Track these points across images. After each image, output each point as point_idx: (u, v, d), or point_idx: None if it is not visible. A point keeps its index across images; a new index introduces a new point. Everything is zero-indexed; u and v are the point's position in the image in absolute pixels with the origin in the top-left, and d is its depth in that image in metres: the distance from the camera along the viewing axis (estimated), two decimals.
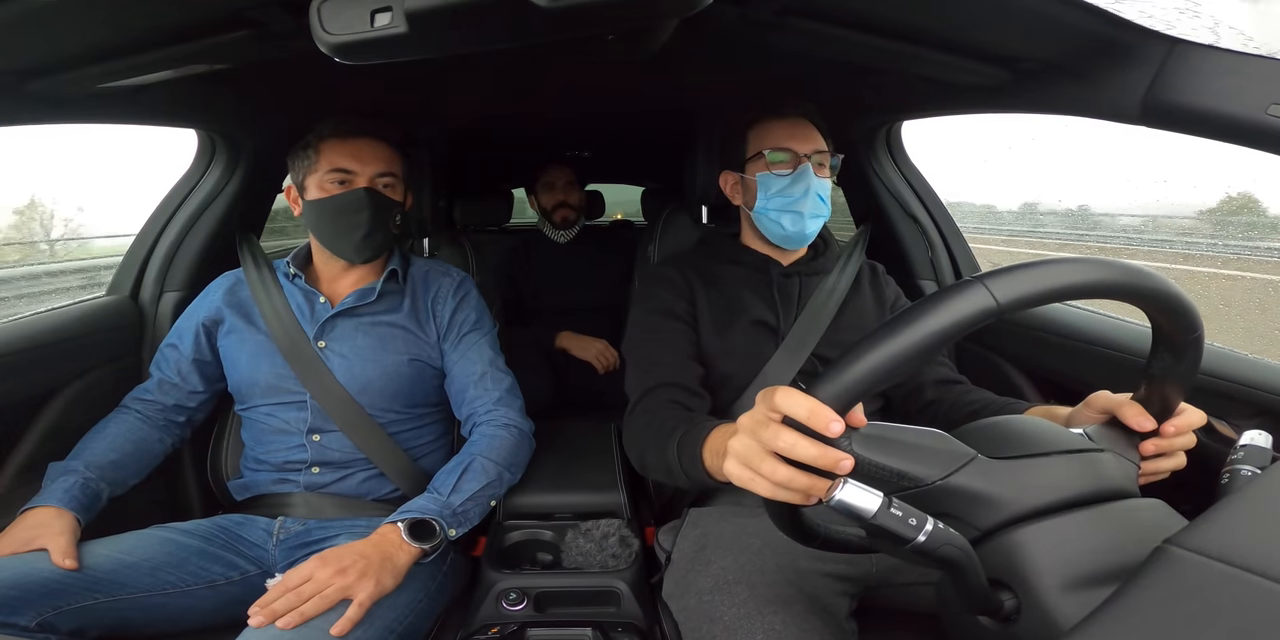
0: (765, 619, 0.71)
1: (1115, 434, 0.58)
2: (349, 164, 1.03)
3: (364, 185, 1.04)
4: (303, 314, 1.09)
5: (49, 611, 0.78)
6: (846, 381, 0.46)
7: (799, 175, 0.99)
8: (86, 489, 0.93)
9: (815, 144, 1.01)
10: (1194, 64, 0.65)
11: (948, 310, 0.44)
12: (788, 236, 1.02)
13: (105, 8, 0.65)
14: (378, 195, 1.05)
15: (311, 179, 1.05)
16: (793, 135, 1.01)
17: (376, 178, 1.05)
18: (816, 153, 1.01)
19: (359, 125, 1.06)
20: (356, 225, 1.04)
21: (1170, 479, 0.60)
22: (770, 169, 1.01)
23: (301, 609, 0.77)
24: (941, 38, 0.78)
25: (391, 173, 1.07)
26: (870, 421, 0.51)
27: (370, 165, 1.04)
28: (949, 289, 0.45)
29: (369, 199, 1.03)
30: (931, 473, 0.49)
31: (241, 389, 1.09)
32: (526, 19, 0.48)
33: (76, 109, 0.93)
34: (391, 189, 1.08)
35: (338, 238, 1.06)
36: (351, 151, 1.04)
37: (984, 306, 0.44)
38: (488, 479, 1.01)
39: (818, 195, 1.00)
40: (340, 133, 1.05)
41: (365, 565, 0.82)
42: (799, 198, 0.99)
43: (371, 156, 1.05)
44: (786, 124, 1.02)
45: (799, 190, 0.99)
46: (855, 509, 0.44)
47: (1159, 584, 0.38)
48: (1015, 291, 0.44)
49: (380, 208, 1.05)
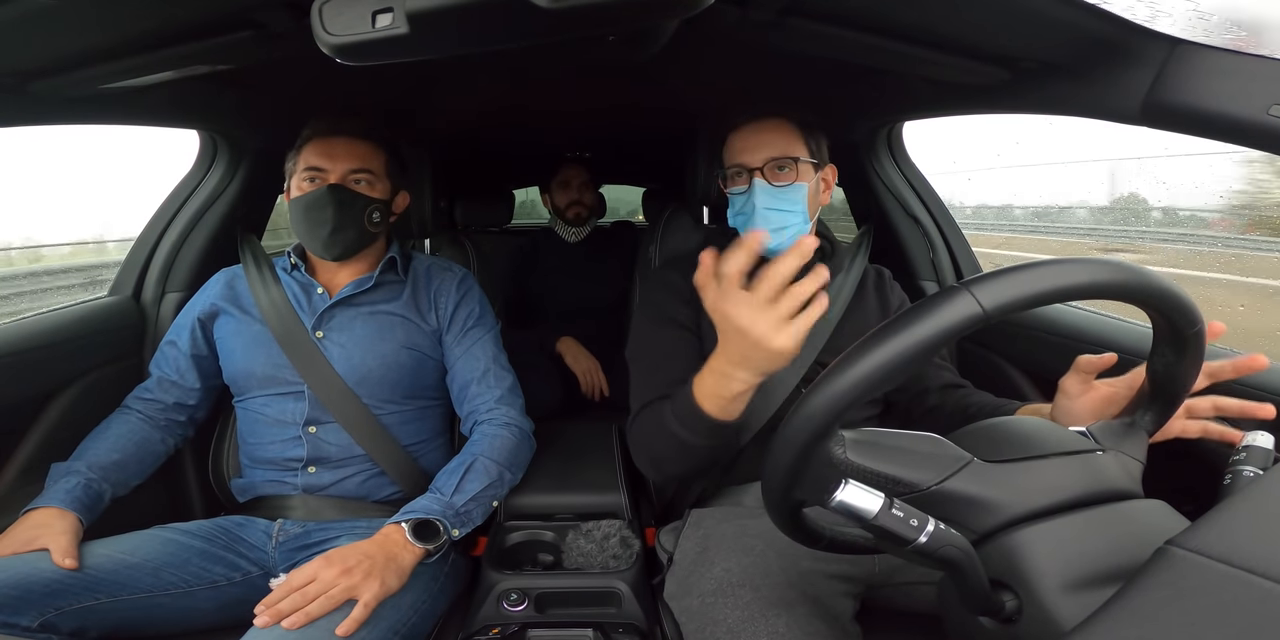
0: (769, 622, 0.71)
1: (1118, 431, 0.58)
2: (320, 162, 1.04)
3: (333, 182, 1.04)
4: (300, 305, 1.10)
5: (51, 612, 0.78)
6: (835, 392, 0.45)
7: (750, 192, 0.95)
8: (89, 489, 0.93)
9: (769, 151, 0.95)
10: (1195, 64, 0.65)
11: (934, 319, 0.44)
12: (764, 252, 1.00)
13: (107, 9, 0.65)
14: (342, 191, 1.04)
15: (294, 179, 1.07)
16: (745, 147, 0.97)
17: (349, 174, 1.05)
18: (771, 160, 0.95)
19: (333, 125, 1.07)
20: (322, 221, 1.04)
21: (1172, 480, 0.60)
22: (729, 187, 0.99)
23: (307, 609, 0.77)
24: (943, 38, 0.78)
25: (367, 169, 1.07)
26: (864, 428, 0.51)
27: (342, 162, 1.05)
28: (935, 297, 0.45)
29: (331, 195, 1.03)
30: (926, 478, 0.49)
31: (238, 380, 1.09)
32: (527, 20, 0.48)
33: (78, 110, 0.94)
34: (368, 185, 1.07)
35: (308, 235, 1.06)
36: (324, 150, 1.05)
37: (970, 314, 0.44)
38: (490, 479, 1.01)
39: (766, 209, 0.94)
40: (318, 132, 1.06)
41: (370, 565, 0.82)
42: (750, 216, 0.95)
43: (345, 154, 1.05)
44: (742, 135, 0.98)
45: (750, 209, 0.95)
46: (856, 510, 0.44)
47: (1161, 585, 0.38)
48: (1001, 297, 0.44)
49: (345, 204, 1.04)
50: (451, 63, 1.20)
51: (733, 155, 0.98)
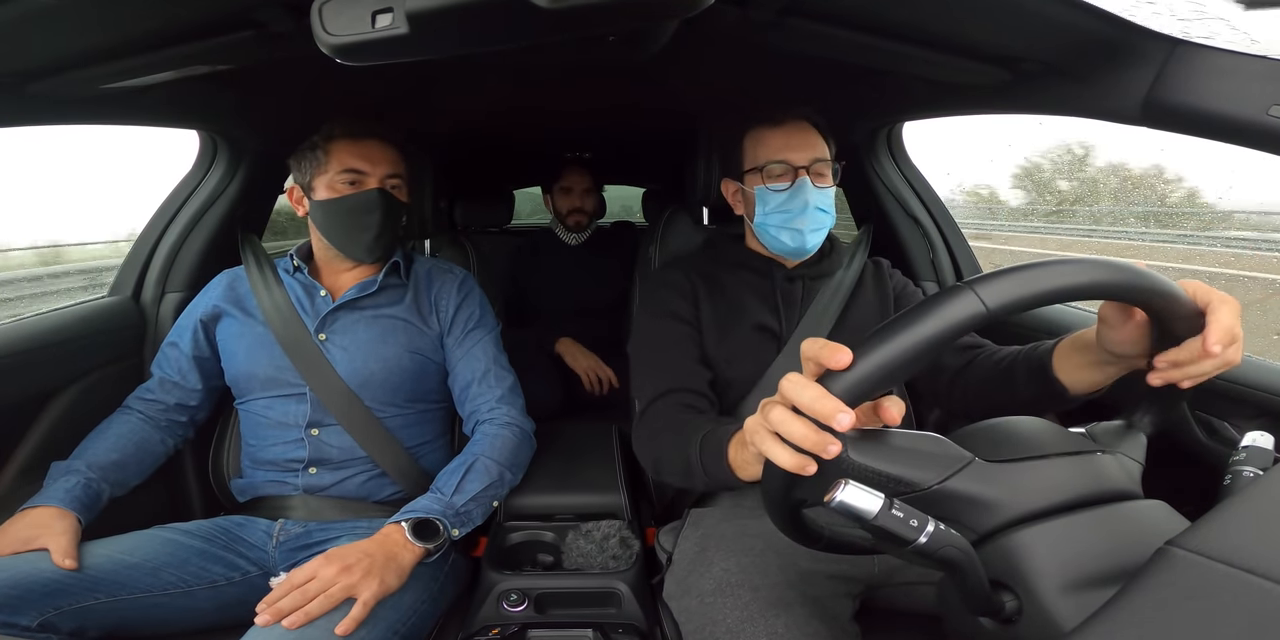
0: (768, 622, 0.71)
1: (1118, 433, 0.58)
2: (360, 164, 1.04)
3: (375, 186, 1.05)
4: (303, 307, 1.10)
5: (50, 611, 0.78)
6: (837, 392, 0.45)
7: (796, 190, 0.95)
8: (88, 489, 0.93)
9: (813, 152, 0.96)
10: (1195, 64, 0.65)
11: (937, 317, 0.44)
12: (788, 251, 0.99)
13: (107, 9, 0.65)
14: (390, 196, 1.06)
15: (321, 180, 1.05)
16: (789, 145, 0.96)
17: (386, 179, 1.06)
18: (816, 162, 0.96)
19: (369, 127, 1.07)
20: (368, 226, 1.05)
21: (1172, 480, 0.60)
22: (766, 183, 0.97)
23: (307, 608, 0.77)
24: (943, 38, 0.78)
25: (399, 174, 1.08)
26: (865, 428, 0.51)
27: (380, 166, 1.05)
28: (938, 295, 0.45)
29: (382, 200, 1.05)
30: (927, 477, 0.49)
31: (239, 382, 1.09)
32: (527, 20, 0.48)
33: (78, 110, 0.93)
34: (399, 190, 1.09)
35: (349, 238, 1.06)
36: (363, 152, 1.05)
37: (973, 312, 0.44)
38: (490, 479, 1.01)
39: (817, 208, 0.95)
40: (351, 133, 1.06)
41: (370, 564, 0.82)
42: (797, 214, 0.95)
43: (381, 158, 1.06)
44: (782, 132, 0.97)
45: (797, 205, 0.95)
46: (856, 510, 0.44)
47: (1161, 585, 0.38)
48: (1005, 296, 0.44)
49: (391, 209, 1.06)
50: (451, 63, 1.20)
51: (773, 151, 0.97)
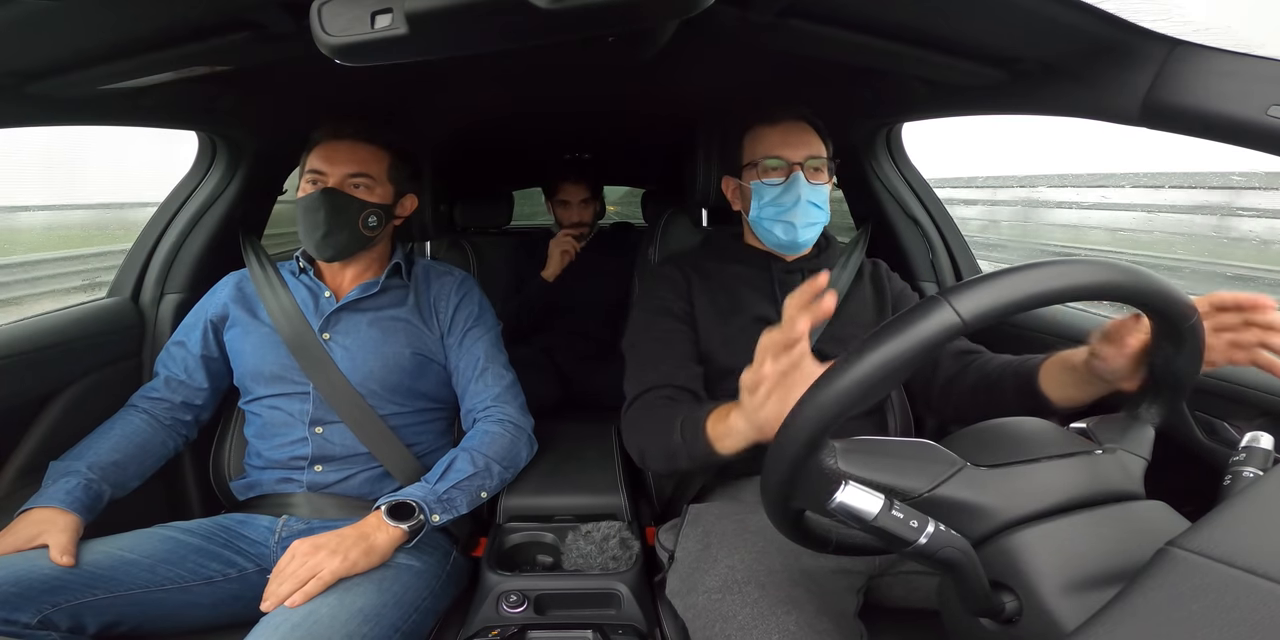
0: (779, 619, 0.71)
1: (1121, 427, 0.57)
2: (320, 165, 1.05)
3: (331, 185, 1.05)
4: (307, 307, 1.11)
5: (49, 608, 0.78)
6: (820, 405, 0.45)
7: (790, 184, 0.99)
8: (89, 490, 0.93)
9: (809, 149, 1.01)
10: (1194, 65, 0.65)
11: (913, 332, 0.44)
12: (782, 244, 1.03)
13: (107, 9, 0.65)
14: (337, 195, 1.05)
15: (301, 181, 1.08)
16: (785, 142, 1.00)
17: (347, 178, 1.06)
18: (811, 158, 1.00)
19: (336, 128, 1.07)
20: (316, 224, 1.04)
21: (1172, 480, 0.60)
22: (762, 178, 1.01)
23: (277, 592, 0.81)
24: (942, 39, 0.78)
25: (366, 173, 1.07)
26: (855, 437, 0.51)
27: (341, 166, 1.05)
28: (913, 309, 0.45)
29: (324, 199, 1.04)
30: (918, 485, 0.49)
31: (246, 381, 1.10)
32: (527, 20, 0.48)
33: (77, 111, 0.93)
34: (366, 190, 1.07)
35: (305, 236, 1.07)
36: (326, 154, 1.06)
37: (949, 324, 0.44)
38: (475, 469, 1.02)
39: (810, 203, 1.00)
40: (322, 135, 1.07)
41: (338, 543, 0.86)
42: (790, 207, 0.99)
43: (346, 158, 1.06)
44: (779, 130, 1.02)
45: (790, 199, 0.99)
46: (856, 511, 0.44)
47: (1161, 586, 0.38)
48: (979, 306, 0.44)
49: (339, 208, 1.05)
50: (451, 64, 1.20)
51: (769, 147, 1.01)
